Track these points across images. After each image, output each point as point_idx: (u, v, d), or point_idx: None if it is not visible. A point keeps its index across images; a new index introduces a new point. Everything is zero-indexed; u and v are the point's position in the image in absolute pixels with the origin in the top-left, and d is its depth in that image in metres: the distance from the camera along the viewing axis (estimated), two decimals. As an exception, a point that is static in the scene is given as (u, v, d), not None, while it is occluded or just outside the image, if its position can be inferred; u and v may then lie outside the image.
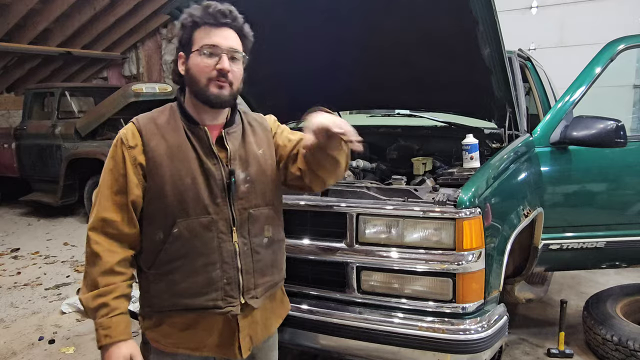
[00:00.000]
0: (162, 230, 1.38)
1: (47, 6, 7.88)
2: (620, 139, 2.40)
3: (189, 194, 1.38)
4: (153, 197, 1.38)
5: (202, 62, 1.37)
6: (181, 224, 1.37)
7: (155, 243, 1.39)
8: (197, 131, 1.42)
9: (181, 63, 1.43)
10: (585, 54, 2.94)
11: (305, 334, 2.06)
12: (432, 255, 1.88)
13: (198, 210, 1.38)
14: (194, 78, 1.39)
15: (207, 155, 1.41)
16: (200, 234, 1.39)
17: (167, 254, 1.39)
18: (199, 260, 1.39)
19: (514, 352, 2.93)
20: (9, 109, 9.68)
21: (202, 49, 1.37)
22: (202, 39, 1.38)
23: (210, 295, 1.40)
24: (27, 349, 3.14)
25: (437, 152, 2.75)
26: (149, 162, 1.37)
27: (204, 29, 1.38)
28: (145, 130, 1.40)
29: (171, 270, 1.40)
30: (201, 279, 1.40)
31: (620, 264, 2.98)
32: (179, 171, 1.37)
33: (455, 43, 2.31)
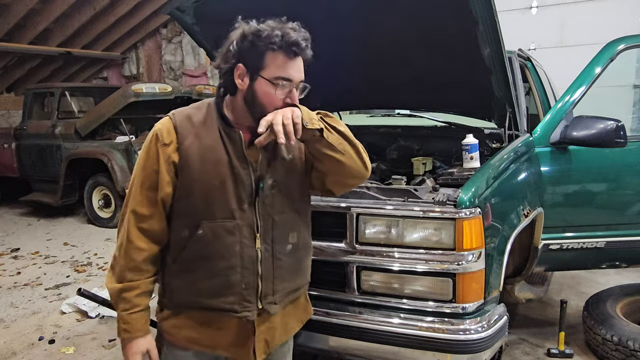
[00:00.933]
0: (188, 228, 1.40)
1: (47, 6, 7.88)
2: (620, 139, 2.40)
3: (216, 197, 1.38)
4: (181, 195, 1.39)
5: (274, 94, 1.34)
6: (206, 226, 1.38)
7: (181, 239, 1.41)
8: (231, 134, 1.40)
9: (239, 76, 1.36)
10: (585, 54, 2.94)
11: (305, 334, 2.06)
12: (432, 255, 1.88)
13: (224, 213, 1.39)
14: (260, 104, 1.35)
15: (238, 159, 1.39)
16: (224, 238, 1.39)
17: (190, 252, 1.41)
18: (220, 263, 1.40)
19: (514, 352, 2.93)
20: (9, 109, 9.68)
21: (278, 81, 1.33)
22: (278, 69, 1.33)
23: (228, 299, 1.41)
24: (27, 349, 3.14)
25: (437, 152, 2.75)
26: (182, 160, 1.38)
27: (278, 56, 1.34)
28: (181, 127, 1.40)
29: (193, 268, 1.42)
30: (220, 281, 1.41)
31: (620, 264, 2.98)
32: (208, 173, 1.38)
33: (455, 43, 2.31)
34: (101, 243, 5.59)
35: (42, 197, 6.99)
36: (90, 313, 3.53)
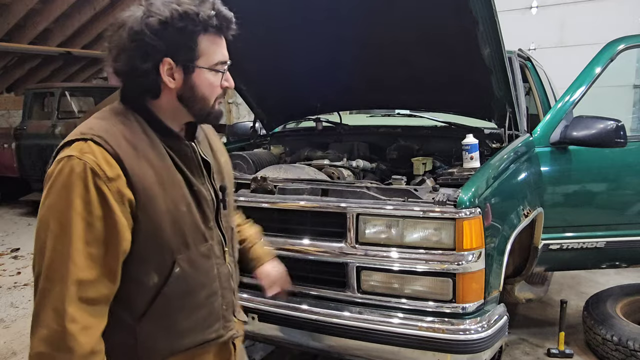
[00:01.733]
0: (157, 273, 1.13)
1: (47, 6, 7.89)
2: (620, 139, 2.40)
3: (187, 224, 1.16)
4: (147, 237, 1.09)
5: (216, 82, 1.16)
6: (182, 261, 1.15)
7: (148, 289, 1.12)
8: (180, 148, 1.18)
9: (165, 72, 1.11)
10: (585, 54, 2.94)
11: (305, 334, 2.06)
12: (432, 255, 1.88)
13: (197, 239, 1.18)
14: (203, 98, 1.16)
15: (195, 176, 1.20)
16: (202, 265, 1.20)
17: (165, 297, 1.14)
18: (202, 294, 1.21)
19: (514, 352, 2.93)
20: (9, 109, 9.69)
21: (219, 67, 1.16)
22: (214, 53, 1.15)
23: (213, 327, 1.25)
24: (27, 349, 3.12)
25: (437, 152, 2.75)
26: (140, 195, 1.06)
27: (210, 38, 1.14)
28: (123, 154, 1.05)
29: (170, 312, 1.16)
30: (204, 313, 1.22)
31: (620, 264, 2.98)
32: (173, 199, 1.13)
33: (455, 43, 2.31)
34: (101, 243, 5.59)
35: (42, 197, 6.98)
36: (90, 313, 3.53)
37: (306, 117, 3.28)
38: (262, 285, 1.61)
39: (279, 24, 2.53)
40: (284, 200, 2.11)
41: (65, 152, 1.05)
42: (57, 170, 1.04)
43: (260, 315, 2.10)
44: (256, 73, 2.97)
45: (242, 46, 1.49)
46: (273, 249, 2.13)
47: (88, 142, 1.05)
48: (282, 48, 2.73)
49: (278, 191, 2.17)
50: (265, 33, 2.56)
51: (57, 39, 8.75)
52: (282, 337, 2.12)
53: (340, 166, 2.60)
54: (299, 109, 3.26)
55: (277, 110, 3.29)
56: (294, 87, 3.01)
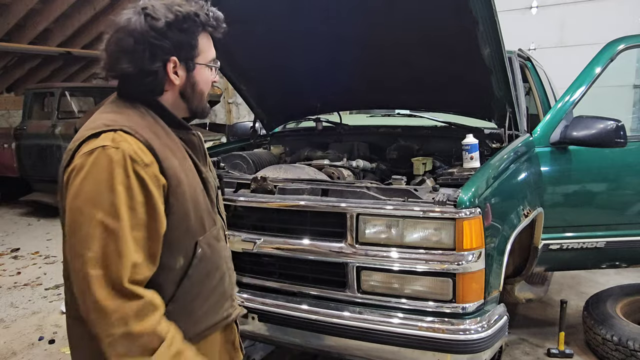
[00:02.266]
0: (184, 255, 1.18)
1: (47, 6, 7.89)
2: (620, 139, 2.40)
3: (203, 208, 1.23)
4: (178, 221, 1.15)
5: (210, 77, 1.26)
6: (202, 242, 1.21)
7: (175, 272, 1.17)
8: (190, 138, 1.26)
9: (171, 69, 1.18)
10: (585, 54, 2.94)
11: (305, 334, 2.06)
12: (432, 255, 1.88)
13: (209, 222, 1.26)
14: (200, 93, 1.25)
15: (202, 163, 1.29)
16: (216, 247, 1.28)
17: (191, 279, 1.19)
18: (216, 275, 1.28)
19: (514, 352, 2.93)
20: (9, 109, 9.69)
21: (212, 63, 1.25)
22: (209, 50, 1.24)
23: (225, 307, 1.31)
24: (27, 349, 3.14)
25: (437, 152, 2.75)
26: (171, 181, 1.12)
27: (206, 36, 1.22)
28: (154, 143, 1.11)
29: (194, 296, 1.21)
30: (217, 294, 1.29)
31: (620, 264, 2.98)
32: (192, 185, 1.20)
33: (455, 43, 2.31)
34: (101, 243, 5.59)
35: (42, 197, 6.99)
36: (90, 313, 3.52)
37: (306, 117, 3.29)
38: None
39: (279, 24, 2.53)
40: (284, 200, 2.11)
41: (95, 143, 1.06)
42: (92, 161, 1.04)
43: (260, 315, 2.10)
44: (256, 73, 2.97)
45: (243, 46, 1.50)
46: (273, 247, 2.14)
47: (118, 132, 1.08)
48: (282, 48, 2.72)
49: (278, 191, 2.17)
50: (266, 33, 2.56)
51: (57, 39, 8.75)
52: (282, 337, 2.12)
53: (340, 166, 2.60)
54: (299, 109, 3.27)
55: (277, 110, 3.29)
56: (294, 87, 3.01)
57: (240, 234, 2.17)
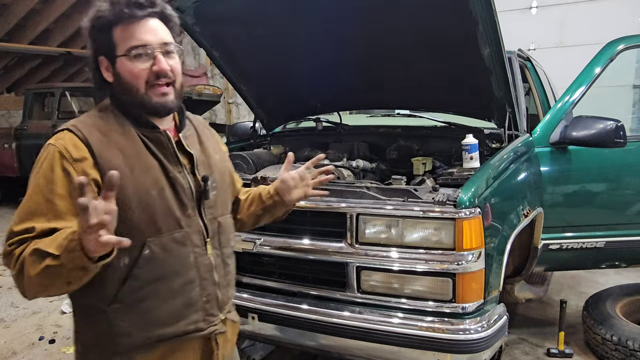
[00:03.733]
0: (128, 255, 1.15)
1: (47, 6, 7.89)
2: (620, 139, 2.41)
3: (158, 208, 1.20)
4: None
5: (135, 68, 1.19)
6: (153, 243, 1.18)
7: (119, 270, 1.16)
8: (156, 137, 1.24)
9: (104, 69, 1.23)
10: (585, 54, 2.94)
11: (306, 334, 2.06)
12: (432, 255, 1.88)
13: (170, 224, 1.21)
14: (129, 86, 1.21)
15: (171, 163, 1.24)
16: (175, 251, 1.22)
17: (136, 280, 1.17)
18: (176, 281, 1.22)
19: (513, 352, 2.93)
20: (9, 109, 9.69)
21: (131, 51, 1.19)
22: (126, 40, 1.19)
23: (191, 318, 1.26)
24: (27, 348, 3.15)
25: (437, 152, 2.75)
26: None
27: (123, 27, 1.19)
28: (92, 139, 1.15)
29: (143, 297, 1.19)
30: (180, 302, 1.23)
31: (619, 264, 2.98)
32: (143, 184, 1.18)
33: (455, 43, 2.31)
34: (101, 243, 5.59)
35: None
36: (91, 313, 3.53)
37: (306, 117, 3.29)
38: (291, 195, 1.54)
39: (279, 25, 2.54)
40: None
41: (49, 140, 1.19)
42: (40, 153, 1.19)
43: (260, 315, 2.11)
44: (256, 73, 2.97)
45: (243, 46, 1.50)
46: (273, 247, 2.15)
47: (64, 131, 1.18)
48: (282, 48, 2.73)
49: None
50: (266, 33, 2.56)
51: (57, 39, 8.75)
52: (282, 337, 2.13)
53: (340, 166, 2.60)
54: (299, 109, 3.27)
55: (277, 110, 3.29)
56: (294, 87, 3.01)
57: (240, 234, 2.17)
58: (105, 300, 1.17)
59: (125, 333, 1.19)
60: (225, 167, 1.46)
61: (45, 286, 1.06)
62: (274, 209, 1.56)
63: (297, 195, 1.54)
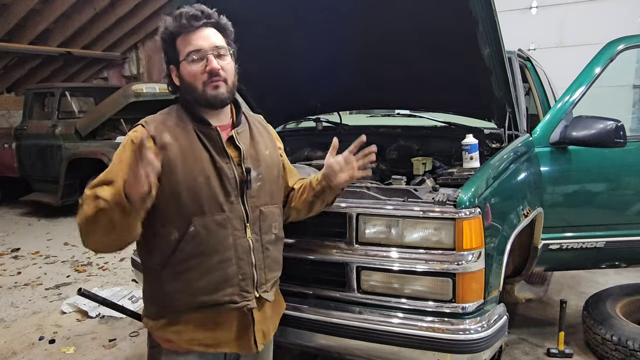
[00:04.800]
0: (178, 230, 1.40)
1: (47, 6, 7.89)
2: (620, 139, 2.40)
3: (203, 193, 1.41)
4: (168, 198, 1.39)
5: (192, 69, 1.42)
6: (197, 222, 1.40)
7: (170, 242, 1.41)
8: (208, 132, 1.46)
9: (174, 76, 1.48)
10: (585, 54, 2.94)
11: (305, 334, 2.06)
12: (432, 255, 1.88)
13: (213, 208, 1.42)
14: (190, 86, 1.44)
15: (219, 155, 1.45)
16: (216, 232, 1.42)
17: (183, 252, 1.41)
18: (215, 258, 1.43)
19: (513, 352, 2.93)
20: (9, 109, 9.69)
21: (189, 56, 1.42)
22: (185, 47, 1.43)
23: (227, 291, 1.44)
24: (27, 348, 3.15)
25: (437, 152, 2.75)
26: (164, 165, 1.34)
27: (183, 38, 1.43)
28: (157, 132, 1.42)
29: (187, 268, 1.42)
30: (217, 276, 1.43)
31: (620, 264, 2.98)
32: (192, 171, 1.40)
33: (455, 43, 2.31)
34: (101, 243, 5.59)
35: (42, 197, 6.99)
36: (91, 313, 3.53)
37: (306, 117, 3.29)
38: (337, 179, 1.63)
39: (279, 24, 2.54)
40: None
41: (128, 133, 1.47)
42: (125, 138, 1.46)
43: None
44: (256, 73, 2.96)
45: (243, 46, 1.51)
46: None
47: (139, 125, 1.47)
48: (282, 48, 2.73)
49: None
50: (266, 33, 2.56)
51: (57, 39, 8.76)
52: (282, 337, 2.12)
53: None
54: (299, 109, 3.27)
55: (277, 110, 3.28)
56: (294, 87, 3.01)
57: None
58: (159, 264, 1.43)
59: (172, 294, 1.44)
60: (274, 161, 1.63)
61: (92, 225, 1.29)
62: (323, 195, 1.69)
63: (343, 179, 1.64)
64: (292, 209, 1.75)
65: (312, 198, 1.70)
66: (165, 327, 1.48)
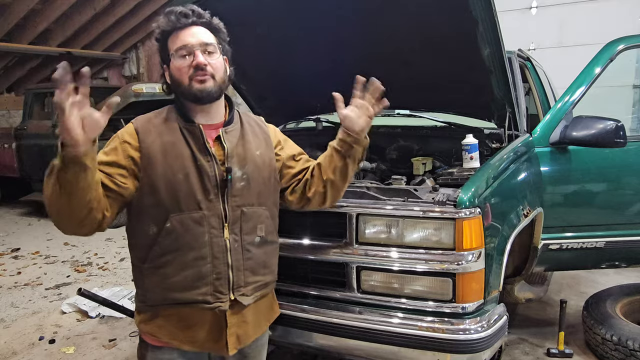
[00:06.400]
0: (156, 225, 1.42)
1: (47, 6, 7.89)
2: (620, 139, 2.40)
3: (182, 190, 1.42)
4: (146, 193, 1.41)
5: (179, 64, 1.44)
6: (174, 219, 1.41)
7: (149, 237, 1.43)
8: (192, 129, 1.47)
9: (167, 74, 1.51)
10: (585, 54, 2.94)
11: (305, 334, 2.06)
12: (432, 255, 1.88)
13: (190, 205, 1.42)
14: (177, 81, 1.46)
15: (200, 152, 1.45)
16: (192, 229, 1.42)
17: (160, 247, 1.43)
18: (190, 254, 1.43)
19: (513, 352, 2.93)
20: (9, 109, 9.69)
21: (176, 52, 1.44)
22: (174, 44, 1.45)
23: (200, 290, 1.44)
24: (27, 348, 3.15)
25: (437, 152, 2.75)
26: (143, 158, 1.41)
27: (174, 36, 1.46)
28: (142, 129, 1.46)
29: (164, 263, 1.43)
30: (191, 273, 1.43)
31: (619, 264, 2.98)
32: (171, 167, 1.42)
33: (455, 43, 2.31)
34: (101, 243, 5.60)
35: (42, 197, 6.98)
36: (91, 313, 3.53)
37: (306, 117, 3.29)
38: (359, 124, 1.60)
39: (279, 25, 2.54)
40: (284, 200, 2.11)
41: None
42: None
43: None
44: (256, 73, 2.97)
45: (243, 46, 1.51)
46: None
47: (130, 123, 1.51)
48: (282, 48, 2.73)
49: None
50: (266, 33, 2.57)
51: (57, 39, 8.76)
52: (282, 337, 2.13)
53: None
54: (299, 109, 3.27)
55: (277, 110, 3.29)
56: (294, 87, 3.01)
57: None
58: (140, 259, 1.47)
59: (150, 288, 1.46)
60: (266, 163, 1.58)
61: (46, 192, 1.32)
62: (352, 151, 1.58)
63: (364, 122, 1.59)
64: (328, 182, 1.63)
65: (341, 162, 1.60)
66: (149, 321, 1.49)
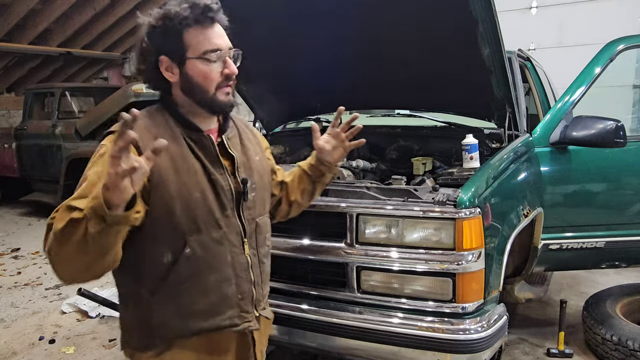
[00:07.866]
0: (171, 251, 1.24)
1: (47, 6, 7.89)
2: (620, 139, 2.41)
3: (200, 209, 1.25)
4: (159, 216, 1.21)
5: (209, 70, 1.26)
6: (193, 242, 1.25)
7: (162, 265, 1.24)
8: (200, 139, 1.30)
9: (165, 69, 1.27)
10: (585, 54, 2.94)
11: (306, 334, 2.06)
12: (432, 255, 1.88)
13: (209, 225, 1.27)
14: (199, 87, 1.27)
15: (213, 165, 1.30)
16: (213, 249, 1.28)
17: (177, 275, 1.25)
18: (212, 277, 1.28)
19: (513, 352, 2.93)
20: (9, 109, 9.69)
21: (206, 55, 1.25)
22: (200, 43, 1.24)
23: (226, 314, 1.31)
24: (27, 348, 3.15)
25: (437, 152, 2.75)
26: (153, 178, 1.18)
27: (196, 30, 1.24)
28: (142, 142, 1.15)
29: (181, 291, 1.26)
30: (215, 298, 1.30)
31: (619, 264, 2.98)
32: (186, 185, 1.24)
33: (455, 43, 2.31)
34: (101, 243, 5.59)
35: (42, 197, 6.99)
36: (91, 313, 3.53)
37: (306, 117, 3.29)
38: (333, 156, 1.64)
39: (279, 24, 2.54)
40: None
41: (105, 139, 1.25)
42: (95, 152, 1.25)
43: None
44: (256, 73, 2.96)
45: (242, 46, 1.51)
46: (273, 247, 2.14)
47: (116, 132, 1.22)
48: (282, 48, 2.73)
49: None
50: (266, 33, 2.56)
51: (58, 39, 8.75)
52: (282, 337, 2.13)
53: (340, 166, 2.60)
54: (299, 109, 3.26)
55: (277, 110, 3.29)
56: (294, 87, 3.01)
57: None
58: (148, 291, 1.26)
59: (164, 322, 1.27)
60: (265, 168, 1.51)
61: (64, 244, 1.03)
62: (322, 177, 1.64)
63: (339, 155, 1.63)
64: (293, 203, 1.64)
65: (310, 185, 1.64)
66: (156, 357, 1.30)
